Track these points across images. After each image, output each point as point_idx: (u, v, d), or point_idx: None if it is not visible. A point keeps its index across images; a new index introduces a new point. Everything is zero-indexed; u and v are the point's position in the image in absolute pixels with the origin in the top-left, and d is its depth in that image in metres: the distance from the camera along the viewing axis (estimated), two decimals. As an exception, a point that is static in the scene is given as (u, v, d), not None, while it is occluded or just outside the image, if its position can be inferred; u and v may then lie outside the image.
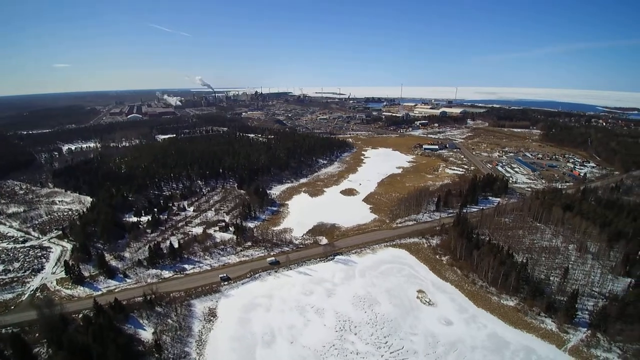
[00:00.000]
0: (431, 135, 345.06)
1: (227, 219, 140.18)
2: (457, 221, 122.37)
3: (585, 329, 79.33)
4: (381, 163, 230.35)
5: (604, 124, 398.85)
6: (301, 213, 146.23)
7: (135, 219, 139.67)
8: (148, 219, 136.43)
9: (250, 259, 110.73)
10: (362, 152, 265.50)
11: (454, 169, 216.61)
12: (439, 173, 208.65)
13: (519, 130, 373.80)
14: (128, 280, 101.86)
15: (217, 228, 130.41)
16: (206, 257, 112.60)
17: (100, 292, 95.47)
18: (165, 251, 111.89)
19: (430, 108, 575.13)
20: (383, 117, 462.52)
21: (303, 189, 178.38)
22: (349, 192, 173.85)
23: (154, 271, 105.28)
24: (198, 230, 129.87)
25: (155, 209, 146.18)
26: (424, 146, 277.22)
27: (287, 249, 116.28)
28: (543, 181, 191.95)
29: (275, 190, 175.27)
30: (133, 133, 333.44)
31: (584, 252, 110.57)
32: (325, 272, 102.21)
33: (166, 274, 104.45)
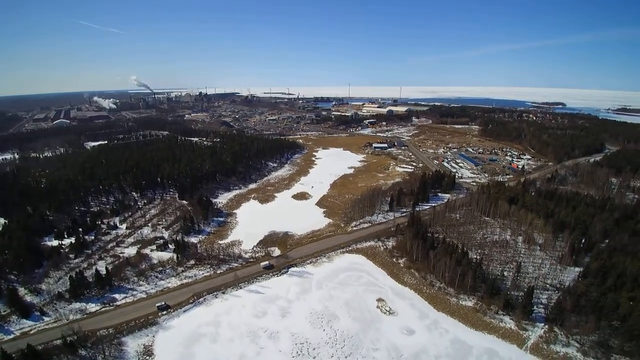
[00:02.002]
0: (380, 134, 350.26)
1: (166, 235, 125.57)
2: (411, 221, 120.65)
3: (543, 324, 79.70)
4: (333, 163, 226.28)
5: (534, 118, 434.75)
6: (251, 222, 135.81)
7: (56, 243, 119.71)
8: (71, 242, 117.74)
9: (194, 281, 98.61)
10: (313, 153, 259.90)
11: (403, 167, 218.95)
12: (389, 171, 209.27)
13: (459, 126, 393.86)
14: (46, 319, 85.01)
15: (154, 247, 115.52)
16: (141, 282, 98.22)
17: (11, 336, 78.71)
18: (90, 279, 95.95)
19: (378, 107, 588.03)
20: (333, 116, 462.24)
21: (252, 195, 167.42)
22: (301, 196, 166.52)
23: (77, 305, 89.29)
24: (131, 251, 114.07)
25: (81, 229, 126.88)
26: (373, 145, 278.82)
27: (236, 264, 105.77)
28: (486, 175, 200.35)
29: (222, 199, 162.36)
30: (58, 141, 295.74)
31: (532, 244, 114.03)
32: (279, 288, 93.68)
33: (92, 307, 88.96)
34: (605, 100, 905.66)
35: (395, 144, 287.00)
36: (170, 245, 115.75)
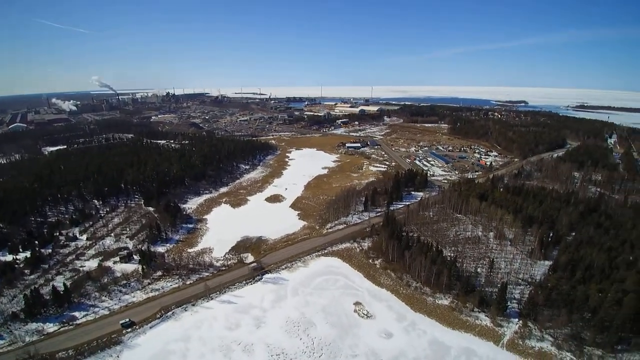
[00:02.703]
0: (352, 134, 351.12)
1: (130, 245, 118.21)
2: (386, 221, 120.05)
3: (517, 320, 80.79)
4: (306, 164, 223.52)
5: (499, 116, 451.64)
6: (222, 228, 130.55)
7: (9, 258, 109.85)
8: (26, 256, 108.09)
9: (161, 293, 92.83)
10: (287, 154, 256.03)
11: (377, 166, 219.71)
12: (363, 171, 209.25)
13: (429, 125, 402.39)
14: (0, 342, 77.13)
15: (117, 259, 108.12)
16: (103, 298, 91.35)
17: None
18: (48, 297, 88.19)
19: (350, 107, 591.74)
20: (305, 116, 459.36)
21: (224, 199, 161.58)
22: (275, 198, 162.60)
23: (33, 325, 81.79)
24: (92, 264, 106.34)
25: (37, 242, 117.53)
26: (346, 144, 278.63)
27: (207, 274, 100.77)
28: (456, 172, 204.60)
29: (191, 204, 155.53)
30: (13, 147, 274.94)
31: (503, 240, 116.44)
32: (253, 296, 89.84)
33: (50, 327, 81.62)
34: (564, 98, 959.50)
35: (368, 143, 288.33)
36: (135, 256, 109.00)
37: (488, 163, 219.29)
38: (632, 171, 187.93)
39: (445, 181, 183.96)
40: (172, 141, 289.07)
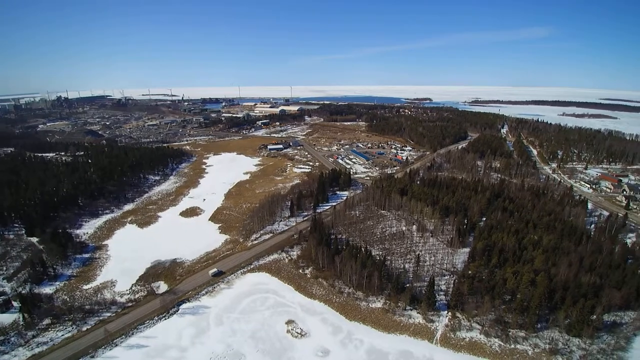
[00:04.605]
0: (274, 135, 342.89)
1: (7, 288, 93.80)
2: (314, 226, 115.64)
3: (446, 312, 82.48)
4: (226, 170, 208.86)
5: (410, 112, 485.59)
6: (128, 254, 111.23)
7: None
8: None
9: (50, 347, 73.97)
10: (204, 160, 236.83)
11: (301, 167, 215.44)
12: (287, 173, 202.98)
13: (349, 123, 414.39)
14: None
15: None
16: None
17: None
18: None
19: (270, 107, 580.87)
20: (223, 118, 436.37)
21: (129, 218, 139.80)
22: (191, 212, 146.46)
23: None
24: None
25: None
26: (269, 146, 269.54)
27: (109, 314, 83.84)
28: (377, 168, 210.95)
29: (87, 228, 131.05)
30: None
31: (424, 232, 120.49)
32: (168, 335, 76.60)
33: None
34: (462, 94, 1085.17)
35: (291, 144, 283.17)
36: (14, 303, 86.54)
37: (404, 158, 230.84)
38: (524, 157, 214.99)
39: (368, 178, 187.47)
40: (63, 153, 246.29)
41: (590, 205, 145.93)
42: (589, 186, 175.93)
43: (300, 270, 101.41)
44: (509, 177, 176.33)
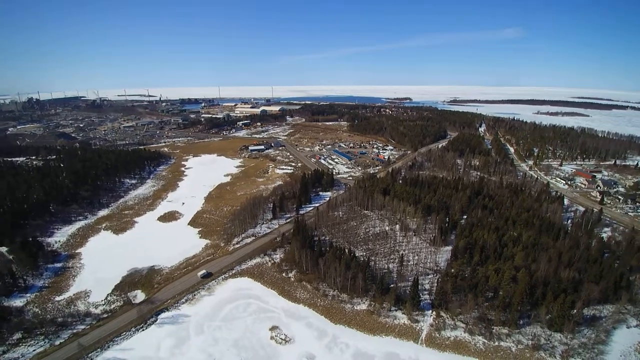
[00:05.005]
0: (256, 135, 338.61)
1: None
2: (297, 228, 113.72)
3: (431, 311, 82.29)
4: (206, 173, 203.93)
5: (390, 112, 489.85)
6: (102, 262, 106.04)
7: None
8: None
9: (17, 365, 69.26)
10: (182, 163, 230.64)
11: (283, 168, 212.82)
12: (269, 175, 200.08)
13: (330, 123, 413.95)
14: None
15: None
16: None
17: None
18: None
19: (251, 107, 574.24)
20: (202, 119, 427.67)
21: (104, 224, 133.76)
22: (170, 216, 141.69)
23: None
24: None
25: None
26: (250, 147, 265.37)
27: (83, 326, 79.38)
28: (359, 168, 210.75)
29: (59, 236, 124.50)
30: None
31: (407, 231, 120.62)
32: (146, 346, 73.06)
33: None
34: (440, 94, 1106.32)
35: (273, 144, 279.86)
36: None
37: (386, 157, 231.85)
38: (501, 154, 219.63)
39: (350, 178, 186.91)
40: (33, 157, 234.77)
41: (566, 201, 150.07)
42: (564, 182, 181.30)
43: (284, 274, 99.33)
44: (488, 175, 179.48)
